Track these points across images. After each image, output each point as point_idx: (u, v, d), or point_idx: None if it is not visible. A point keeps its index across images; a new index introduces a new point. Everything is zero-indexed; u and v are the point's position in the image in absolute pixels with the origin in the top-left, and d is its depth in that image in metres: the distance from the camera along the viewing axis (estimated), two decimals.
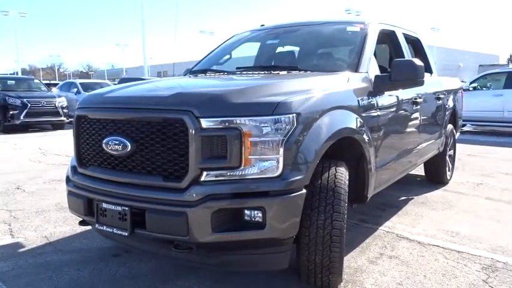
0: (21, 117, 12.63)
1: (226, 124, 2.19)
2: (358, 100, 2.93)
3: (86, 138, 2.64)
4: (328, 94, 2.69)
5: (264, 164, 2.22)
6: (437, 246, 3.40)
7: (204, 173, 2.21)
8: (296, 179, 2.26)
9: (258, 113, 2.23)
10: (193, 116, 2.19)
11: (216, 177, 2.21)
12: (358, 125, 2.83)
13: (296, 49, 4.10)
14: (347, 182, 2.57)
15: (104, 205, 2.45)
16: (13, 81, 14.59)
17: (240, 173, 2.21)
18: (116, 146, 2.39)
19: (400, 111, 3.67)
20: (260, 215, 2.21)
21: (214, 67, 3.97)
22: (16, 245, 3.47)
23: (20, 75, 33.49)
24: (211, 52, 4.37)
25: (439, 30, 56.08)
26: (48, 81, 26.54)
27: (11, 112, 12.58)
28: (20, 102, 12.69)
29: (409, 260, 3.13)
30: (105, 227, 2.46)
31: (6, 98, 12.74)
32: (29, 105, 12.72)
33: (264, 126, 2.21)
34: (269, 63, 3.98)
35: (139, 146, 2.35)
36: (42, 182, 5.80)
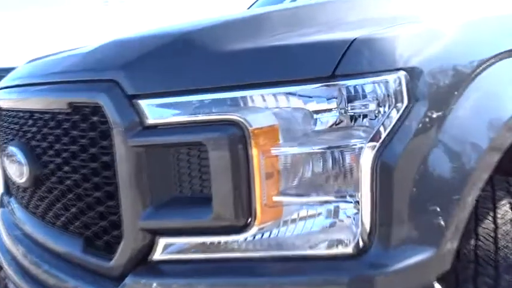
0: None
1: (206, 113, 0.80)
2: None
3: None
4: (484, 22, 1.11)
5: (316, 217, 0.79)
6: None
7: (160, 242, 0.85)
8: (414, 263, 0.78)
9: (296, 72, 0.79)
10: (121, 91, 0.84)
11: (187, 252, 0.84)
12: None
13: None
14: None
15: (9, 285, 1.25)
16: None
17: (250, 243, 0.81)
18: (13, 166, 1.16)
19: None
20: None
21: None
22: None
23: None
24: None
25: None
26: None
27: None
28: None
29: None
30: None
31: None
32: None
33: (316, 112, 0.78)
34: None
35: (40, 167, 1.08)
36: None
